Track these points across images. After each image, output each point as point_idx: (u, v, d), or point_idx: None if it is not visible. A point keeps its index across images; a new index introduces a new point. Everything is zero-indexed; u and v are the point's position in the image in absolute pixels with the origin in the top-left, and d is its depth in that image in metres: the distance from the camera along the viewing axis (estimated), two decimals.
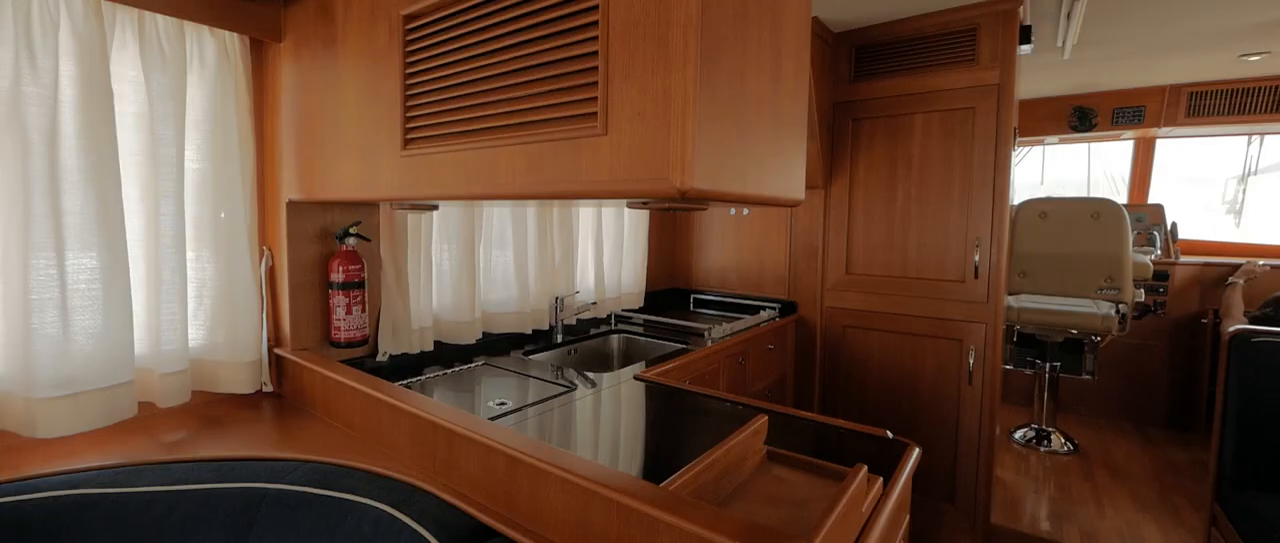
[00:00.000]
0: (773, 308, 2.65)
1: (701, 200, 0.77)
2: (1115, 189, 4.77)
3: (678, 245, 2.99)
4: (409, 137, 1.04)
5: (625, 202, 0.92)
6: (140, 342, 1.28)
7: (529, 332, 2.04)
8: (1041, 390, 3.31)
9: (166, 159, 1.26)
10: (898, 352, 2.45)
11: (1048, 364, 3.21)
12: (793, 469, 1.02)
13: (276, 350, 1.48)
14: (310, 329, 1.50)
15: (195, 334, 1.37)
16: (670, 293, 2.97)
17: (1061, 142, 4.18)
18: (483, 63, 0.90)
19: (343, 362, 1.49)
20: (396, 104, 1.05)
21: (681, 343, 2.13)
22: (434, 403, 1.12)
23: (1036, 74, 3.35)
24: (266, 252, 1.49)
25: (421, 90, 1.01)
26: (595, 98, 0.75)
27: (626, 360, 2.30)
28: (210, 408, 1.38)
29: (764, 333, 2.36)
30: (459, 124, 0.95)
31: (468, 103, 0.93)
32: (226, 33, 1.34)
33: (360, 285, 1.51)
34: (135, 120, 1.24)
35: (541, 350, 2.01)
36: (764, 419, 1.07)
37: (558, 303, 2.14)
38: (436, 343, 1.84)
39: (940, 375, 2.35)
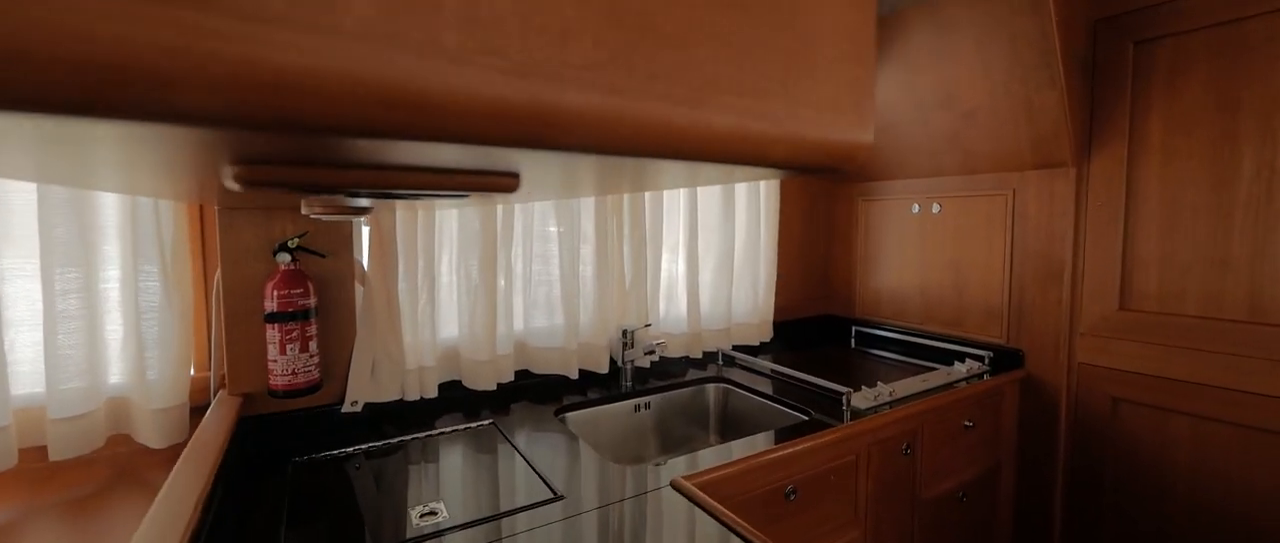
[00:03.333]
0: (977, 358, 1.69)
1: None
2: None
3: (835, 255, 2.16)
4: None
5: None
6: (36, 378, 1.05)
7: (575, 375, 1.50)
8: None
9: None
10: (1236, 457, 1.33)
11: None
12: None
13: (222, 394, 1.18)
14: (254, 370, 1.16)
15: (123, 370, 1.12)
16: (822, 323, 2.16)
17: None
18: None
19: (266, 416, 1.13)
20: None
21: (802, 412, 1.38)
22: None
23: None
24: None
25: None
26: None
27: (725, 427, 1.61)
28: (129, 461, 1.12)
29: (956, 402, 1.47)
30: None
31: None
32: None
33: (303, 316, 1.12)
34: None
35: (596, 403, 1.45)
36: None
37: (627, 338, 1.55)
38: (451, 386, 1.41)
39: None
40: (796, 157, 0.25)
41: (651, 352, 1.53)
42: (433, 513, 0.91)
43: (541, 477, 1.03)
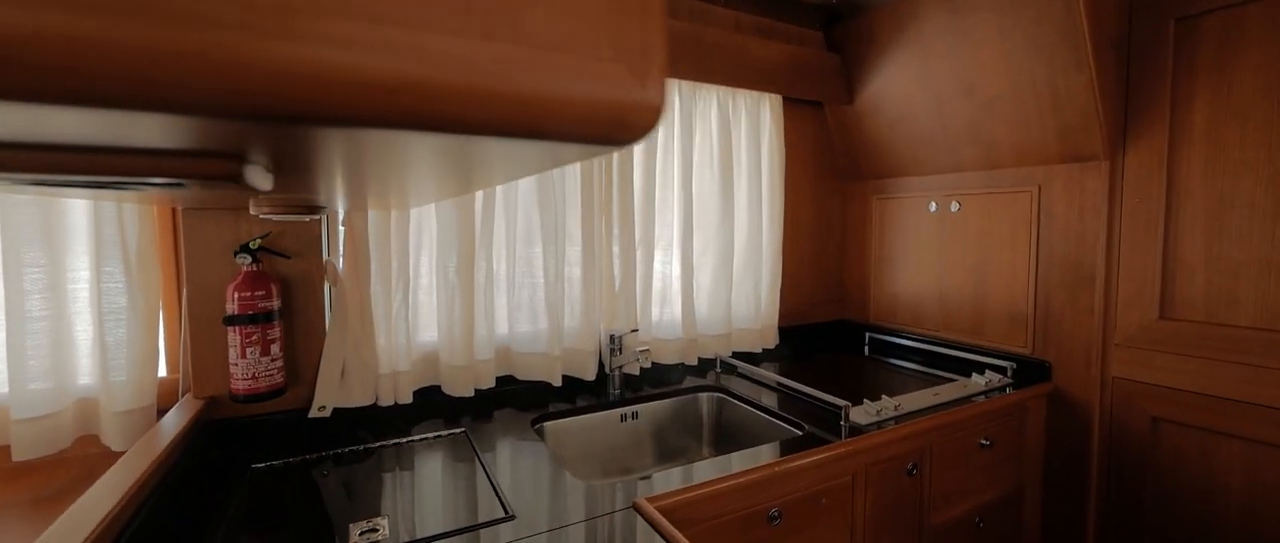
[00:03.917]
0: (998, 369, 1.55)
1: None
2: None
3: (849, 256, 2.04)
4: None
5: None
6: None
7: (558, 382, 1.43)
8: None
9: None
10: None
11: None
12: None
13: (187, 397, 1.16)
14: (218, 373, 1.14)
15: (90, 371, 1.11)
16: (834, 329, 2.04)
17: None
18: None
19: (213, 420, 1.10)
20: None
21: (796, 426, 1.28)
22: None
23: None
24: None
25: None
26: None
27: (719, 440, 1.52)
28: (99, 463, 1.11)
29: (971, 418, 1.34)
30: None
31: None
32: None
33: (266, 318, 1.09)
34: None
35: (578, 413, 1.38)
36: None
37: (614, 343, 1.48)
38: (430, 391, 1.36)
39: None
40: (507, 120, 0.17)
41: (634, 360, 1.45)
42: (375, 530, 0.86)
43: (498, 493, 0.96)
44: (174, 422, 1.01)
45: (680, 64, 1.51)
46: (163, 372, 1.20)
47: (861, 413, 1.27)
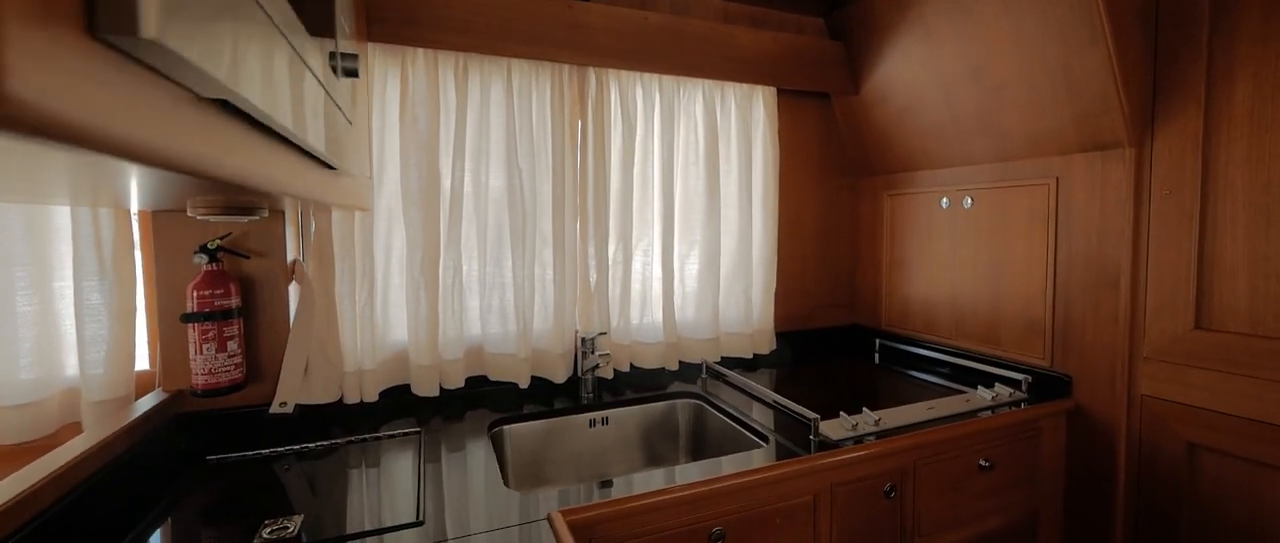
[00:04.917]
0: (1011, 382, 1.40)
1: None
2: None
3: (862, 259, 1.90)
4: None
5: None
6: None
7: (525, 384, 1.41)
8: None
9: None
10: None
11: None
12: None
13: (158, 390, 1.21)
14: (184, 368, 1.18)
15: (72, 364, 1.19)
16: (844, 335, 1.91)
17: None
18: None
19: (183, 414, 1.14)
20: None
21: (762, 438, 1.20)
22: None
23: None
24: None
25: None
26: None
27: (697, 450, 1.45)
28: None
29: (967, 436, 1.21)
30: None
31: None
32: None
33: (221, 316, 1.13)
34: None
35: (544, 417, 1.35)
36: None
37: (587, 346, 1.44)
38: (400, 391, 1.37)
39: None
40: None
41: (595, 367, 1.40)
42: (285, 527, 0.86)
43: (419, 498, 0.94)
44: (135, 411, 1.06)
45: (652, 58, 1.45)
46: (145, 365, 1.27)
47: (835, 427, 1.17)
